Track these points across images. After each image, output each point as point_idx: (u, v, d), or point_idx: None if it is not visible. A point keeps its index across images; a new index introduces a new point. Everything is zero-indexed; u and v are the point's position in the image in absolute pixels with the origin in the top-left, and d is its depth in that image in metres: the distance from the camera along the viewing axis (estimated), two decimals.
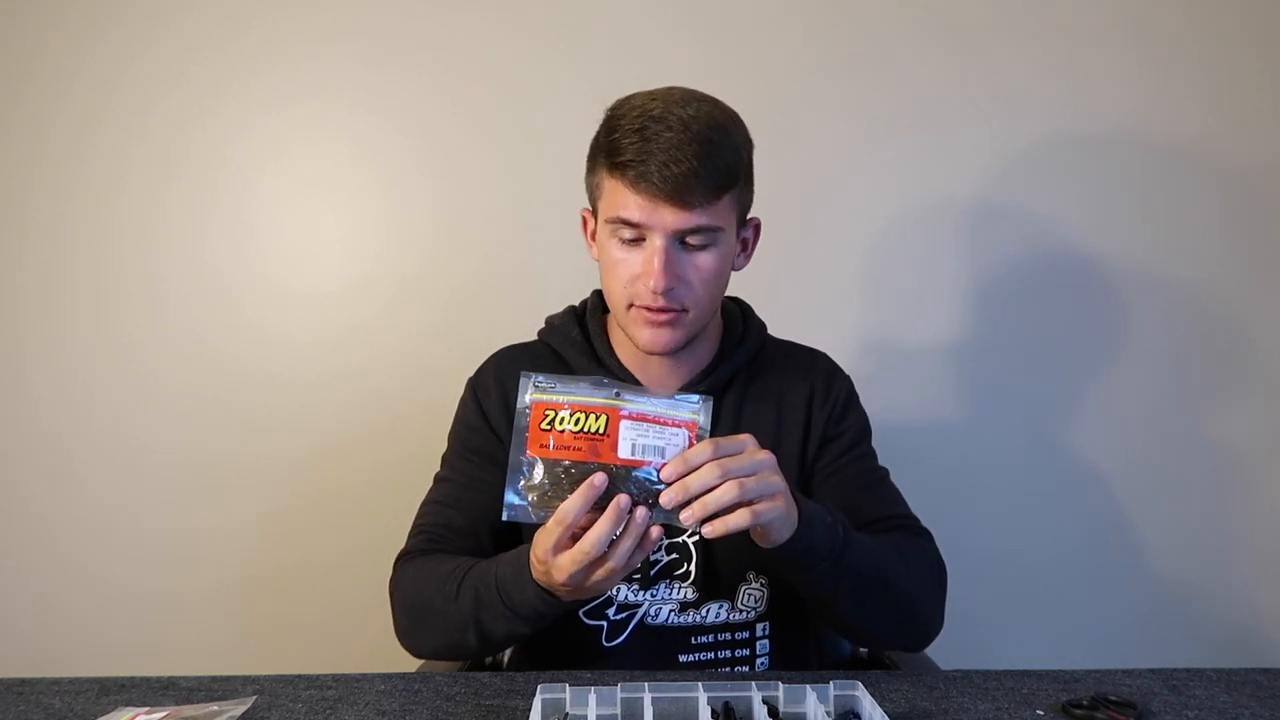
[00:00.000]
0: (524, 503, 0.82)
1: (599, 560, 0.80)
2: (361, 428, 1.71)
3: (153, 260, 1.71)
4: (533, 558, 0.86)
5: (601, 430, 0.82)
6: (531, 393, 0.84)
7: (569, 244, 1.67)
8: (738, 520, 0.80)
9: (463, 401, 1.15)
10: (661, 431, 0.83)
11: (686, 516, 0.80)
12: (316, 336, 1.71)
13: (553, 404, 0.83)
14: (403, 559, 1.07)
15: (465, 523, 1.07)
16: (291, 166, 1.70)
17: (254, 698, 0.89)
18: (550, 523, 0.81)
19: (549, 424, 0.82)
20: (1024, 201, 1.70)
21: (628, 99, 1.01)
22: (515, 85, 1.68)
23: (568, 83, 1.67)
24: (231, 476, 1.73)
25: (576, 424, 0.82)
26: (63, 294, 1.71)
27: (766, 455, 0.84)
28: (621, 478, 0.81)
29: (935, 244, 1.70)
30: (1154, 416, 1.72)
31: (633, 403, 0.83)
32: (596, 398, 0.83)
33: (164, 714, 0.86)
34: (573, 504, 0.79)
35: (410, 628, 1.03)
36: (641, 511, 0.80)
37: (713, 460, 0.81)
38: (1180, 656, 1.69)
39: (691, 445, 0.83)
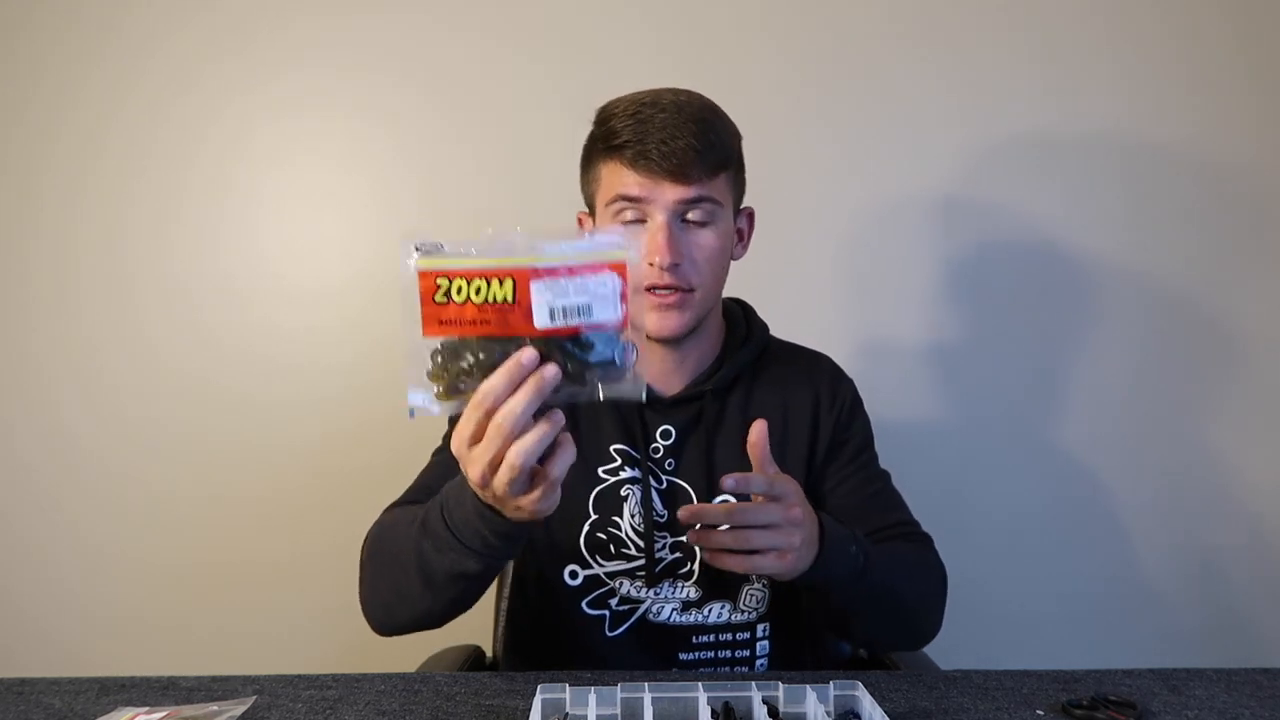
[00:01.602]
0: (427, 395, 0.67)
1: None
2: (362, 423, 1.71)
3: (161, 256, 1.73)
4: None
5: (510, 299, 0.65)
6: (416, 259, 0.66)
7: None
8: (733, 563, 0.86)
9: None
10: (584, 284, 0.66)
11: (691, 536, 0.88)
12: (321, 330, 1.73)
13: (444, 271, 0.65)
14: (385, 511, 1.04)
15: None
16: (293, 169, 1.72)
17: (254, 698, 0.89)
18: (469, 408, 0.68)
19: (444, 295, 0.65)
20: (1011, 201, 1.70)
21: (616, 99, 1.04)
22: (503, 92, 1.71)
23: (553, 87, 1.69)
24: (230, 474, 1.73)
25: (478, 293, 0.65)
26: (75, 290, 1.73)
27: (794, 512, 0.86)
28: (546, 349, 0.66)
29: (921, 243, 1.70)
30: (1151, 415, 1.72)
31: (543, 257, 0.65)
32: (497, 258, 0.65)
33: (164, 714, 0.86)
34: (495, 382, 0.66)
35: (367, 577, 0.98)
36: (551, 368, 0.66)
37: (737, 509, 0.87)
38: (1180, 657, 1.69)
39: (624, 290, 0.66)
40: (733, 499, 0.96)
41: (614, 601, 1.07)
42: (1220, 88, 1.69)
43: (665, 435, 1.09)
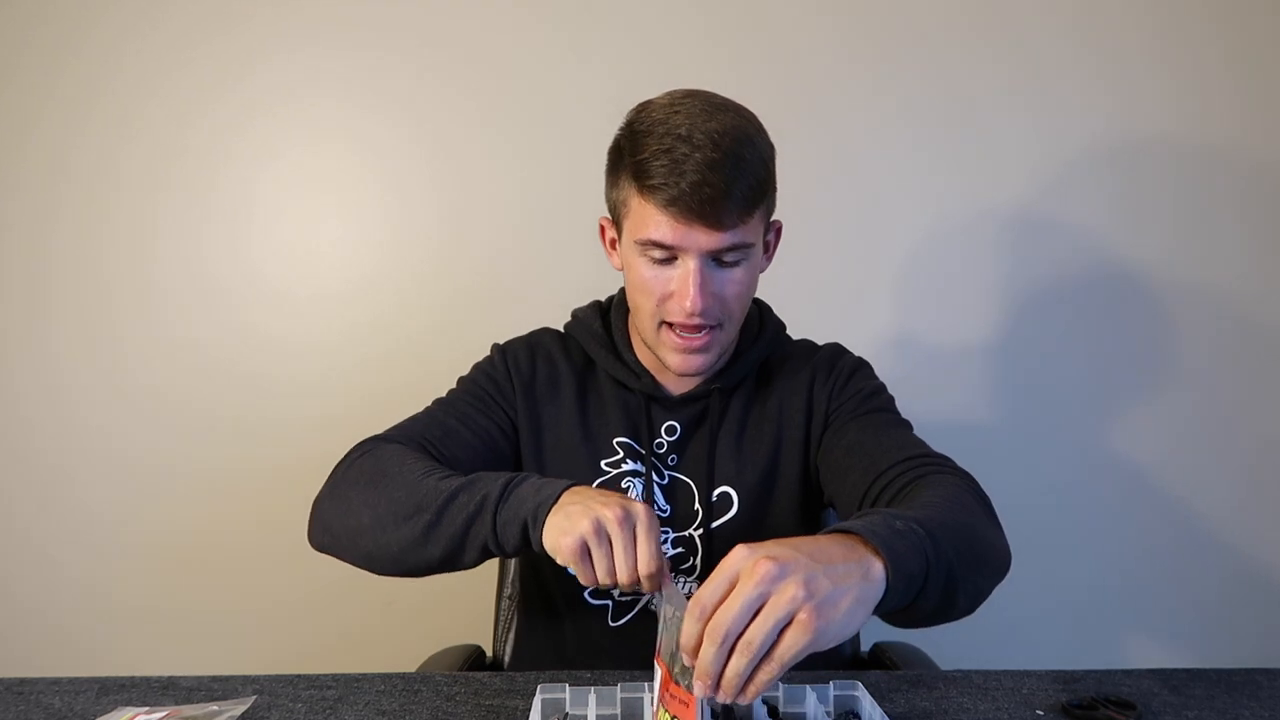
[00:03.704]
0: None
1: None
2: (360, 431, 1.70)
3: (144, 260, 1.70)
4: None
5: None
6: None
7: (573, 246, 1.66)
8: (765, 680, 0.65)
9: (487, 359, 1.15)
10: None
11: (722, 698, 0.67)
12: (316, 340, 1.71)
13: None
14: (376, 439, 1.01)
15: (446, 450, 1.03)
16: (290, 164, 1.69)
17: (254, 698, 0.89)
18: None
19: None
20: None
21: (646, 109, 0.98)
22: (521, 83, 1.67)
23: (577, 81, 1.66)
24: (230, 479, 1.73)
25: None
26: (50, 294, 1.70)
27: (765, 568, 0.65)
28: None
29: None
30: (1172, 423, 1.72)
31: None
32: None
33: (164, 714, 0.86)
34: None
35: (343, 492, 0.95)
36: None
37: (705, 633, 0.66)
38: (1180, 656, 1.69)
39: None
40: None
41: (616, 592, 1.08)
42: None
43: (670, 431, 1.10)
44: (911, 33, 1.67)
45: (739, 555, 0.67)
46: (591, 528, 0.78)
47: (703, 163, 0.92)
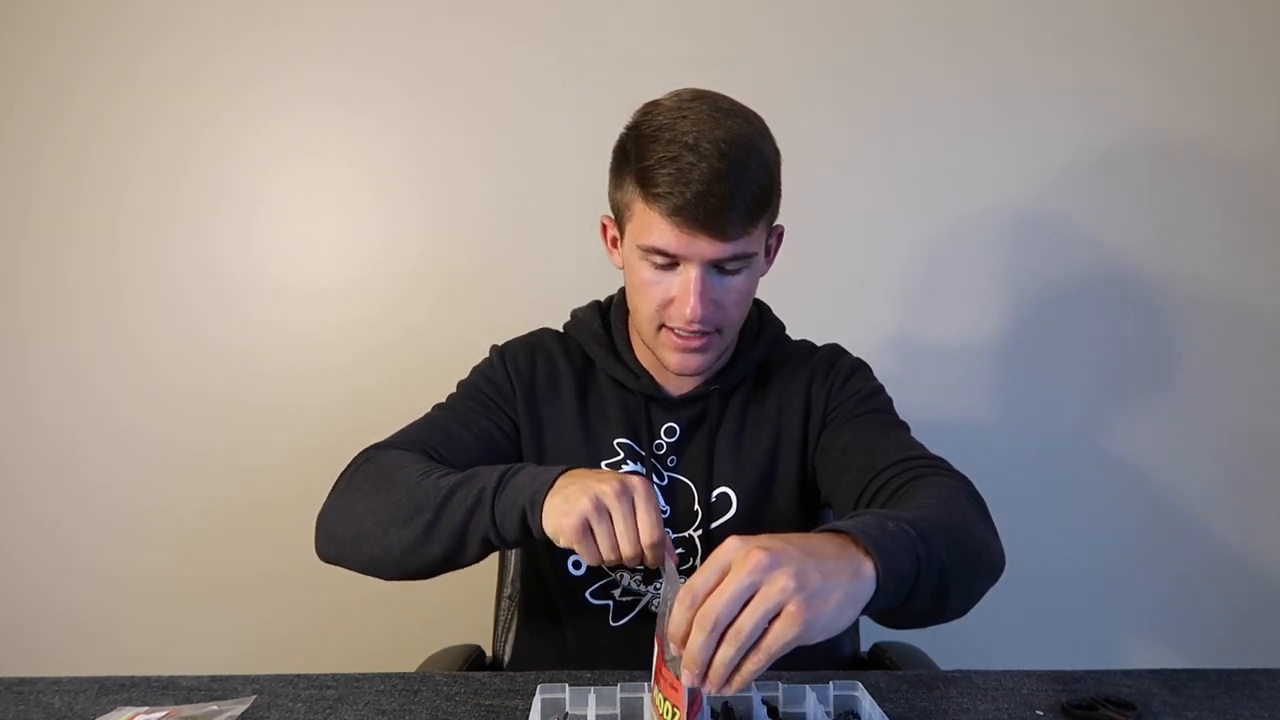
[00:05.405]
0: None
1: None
2: (360, 425, 1.70)
3: (156, 258, 1.71)
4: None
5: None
6: None
7: (564, 243, 1.68)
8: (752, 670, 0.65)
9: (487, 361, 1.15)
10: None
11: (708, 689, 0.67)
12: (318, 334, 1.72)
13: None
14: (378, 446, 1.02)
15: (447, 454, 1.03)
16: (294, 167, 1.71)
17: (254, 697, 0.89)
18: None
19: None
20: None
21: (653, 111, 0.97)
22: (510, 89, 1.69)
23: (563, 86, 1.67)
24: (230, 475, 1.73)
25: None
26: (66, 290, 1.72)
27: (756, 559, 0.65)
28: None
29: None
30: (1172, 424, 1.72)
31: None
32: None
33: (164, 714, 0.86)
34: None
35: (348, 499, 0.95)
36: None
37: (693, 620, 0.65)
38: (1180, 656, 1.69)
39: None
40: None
41: (617, 593, 1.08)
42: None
43: (670, 432, 1.10)
44: (912, 35, 1.67)
45: (731, 545, 0.67)
46: (591, 505, 0.79)
47: (708, 173, 0.91)
